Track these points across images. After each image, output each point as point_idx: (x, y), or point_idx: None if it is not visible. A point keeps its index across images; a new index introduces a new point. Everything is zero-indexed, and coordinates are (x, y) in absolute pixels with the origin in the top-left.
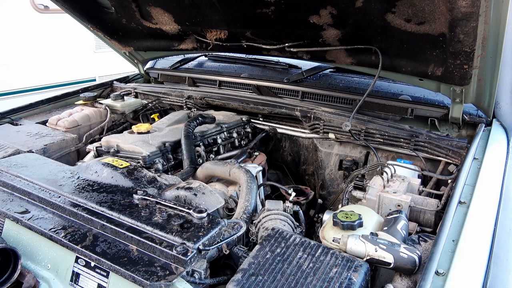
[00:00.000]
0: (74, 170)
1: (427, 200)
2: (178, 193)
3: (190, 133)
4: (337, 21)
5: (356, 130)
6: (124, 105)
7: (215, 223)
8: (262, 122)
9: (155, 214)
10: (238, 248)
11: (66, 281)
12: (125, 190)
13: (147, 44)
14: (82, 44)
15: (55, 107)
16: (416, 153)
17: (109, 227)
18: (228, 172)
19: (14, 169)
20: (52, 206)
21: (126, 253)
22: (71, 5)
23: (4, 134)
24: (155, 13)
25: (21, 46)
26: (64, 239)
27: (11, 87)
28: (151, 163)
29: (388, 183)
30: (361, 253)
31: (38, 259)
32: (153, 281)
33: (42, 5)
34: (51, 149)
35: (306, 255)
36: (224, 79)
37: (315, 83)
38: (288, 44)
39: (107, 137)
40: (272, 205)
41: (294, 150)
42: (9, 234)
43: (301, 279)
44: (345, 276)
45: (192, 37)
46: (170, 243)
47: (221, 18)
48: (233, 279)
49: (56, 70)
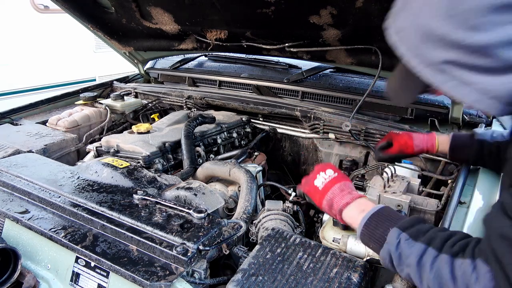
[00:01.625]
0: (74, 170)
1: (427, 200)
2: (178, 193)
3: (190, 133)
4: (337, 21)
5: (356, 130)
6: (124, 105)
7: (215, 223)
8: (262, 122)
9: (155, 214)
10: (238, 248)
11: (66, 281)
12: (125, 190)
13: (147, 44)
14: (82, 44)
15: (55, 107)
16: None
17: (109, 227)
18: (228, 172)
19: (14, 169)
20: (52, 206)
21: (126, 253)
22: (71, 5)
23: (4, 134)
24: (155, 13)
25: (21, 46)
26: (64, 239)
27: (11, 87)
28: (151, 163)
29: (388, 183)
30: (361, 254)
31: (38, 259)
32: (153, 281)
33: (42, 5)
34: (51, 149)
35: (306, 255)
36: (224, 79)
37: (315, 83)
38: (288, 44)
39: (107, 137)
40: (272, 205)
41: (294, 150)
42: (9, 234)
43: (301, 279)
44: (345, 276)
45: (192, 37)
46: (170, 243)
47: (221, 18)
48: (233, 279)
49: (56, 70)
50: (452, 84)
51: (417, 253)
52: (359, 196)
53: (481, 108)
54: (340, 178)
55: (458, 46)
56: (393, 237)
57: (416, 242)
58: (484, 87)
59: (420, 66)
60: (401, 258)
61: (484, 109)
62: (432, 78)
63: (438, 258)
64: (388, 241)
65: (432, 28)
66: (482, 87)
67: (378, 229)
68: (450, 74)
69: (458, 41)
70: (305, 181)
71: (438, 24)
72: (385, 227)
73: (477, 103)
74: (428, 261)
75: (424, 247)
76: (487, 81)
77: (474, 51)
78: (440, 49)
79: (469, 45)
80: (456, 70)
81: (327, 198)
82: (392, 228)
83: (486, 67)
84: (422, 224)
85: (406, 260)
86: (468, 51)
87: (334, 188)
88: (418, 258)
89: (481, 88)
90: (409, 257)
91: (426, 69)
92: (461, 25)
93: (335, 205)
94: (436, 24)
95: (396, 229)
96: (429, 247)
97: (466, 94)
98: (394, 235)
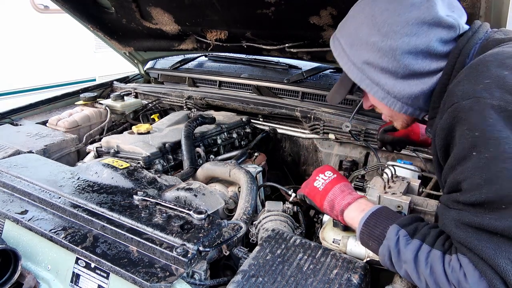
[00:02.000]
0: (74, 170)
1: (427, 201)
2: (178, 194)
3: (190, 134)
4: (337, 21)
5: (356, 131)
6: (124, 106)
7: (215, 224)
8: (262, 123)
9: (155, 215)
10: (238, 249)
11: (66, 282)
12: (125, 191)
13: (147, 44)
14: (82, 44)
15: (55, 107)
16: (416, 154)
17: (109, 228)
18: (228, 173)
19: (14, 169)
20: (52, 207)
21: (126, 254)
22: (71, 5)
23: (4, 135)
24: (155, 13)
25: (21, 46)
26: (64, 240)
27: (11, 87)
28: (151, 164)
29: (388, 184)
30: (361, 255)
31: (38, 260)
32: (153, 282)
33: (42, 5)
34: (51, 150)
35: (306, 256)
36: (224, 80)
37: (315, 83)
38: (288, 45)
39: (107, 137)
40: (272, 206)
41: (294, 151)
42: (9, 235)
43: (301, 281)
44: (346, 278)
45: (192, 37)
46: (170, 244)
47: (221, 18)
48: (233, 280)
49: (56, 70)
50: (367, 83)
51: (413, 249)
52: (359, 196)
53: (387, 104)
54: (339, 179)
55: (373, 48)
56: (392, 234)
57: (413, 239)
58: (389, 89)
59: (347, 65)
60: (400, 254)
61: (389, 106)
62: (353, 75)
63: (431, 253)
64: (387, 237)
65: (358, 33)
66: (387, 88)
67: (377, 227)
68: (366, 73)
69: (374, 43)
70: (305, 184)
71: (363, 30)
72: (384, 225)
73: (383, 100)
74: (423, 257)
75: (419, 244)
76: (392, 83)
77: (385, 54)
78: (362, 50)
79: (381, 47)
80: (371, 71)
81: (328, 199)
82: (391, 225)
83: (392, 71)
84: (420, 221)
85: (404, 256)
86: (380, 53)
87: (334, 189)
88: (414, 254)
89: (387, 89)
90: (406, 253)
91: (350, 67)
92: (378, 31)
93: (336, 206)
94: (362, 30)
95: (396, 226)
96: (423, 243)
97: (375, 92)
98: (393, 231)
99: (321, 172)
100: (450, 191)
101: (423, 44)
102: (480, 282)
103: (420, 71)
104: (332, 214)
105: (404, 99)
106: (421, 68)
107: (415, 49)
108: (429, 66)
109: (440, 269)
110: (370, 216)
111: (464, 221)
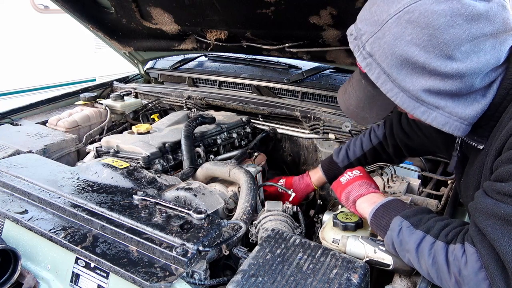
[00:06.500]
0: (74, 170)
1: (427, 201)
2: (178, 193)
3: (190, 134)
4: (337, 21)
5: (356, 131)
6: (124, 105)
7: (215, 224)
8: (262, 123)
9: (155, 215)
10: (238, 249)
11: (66, 282)
12: (125, 191)
13: (147, 44)
14: (82, 44)
15: (55, 107)
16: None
17: (109, 228)
18: (228, 173)
19: (14, 169)
20: (52, 207)
21: (126, 254)
22: (71, 5)
23: (4, 134)
24: (155, 13)
25: (21, 46)
26: (64, 240)
27: (11, 87)
28: (151, 164)
29: (388, 184)
30: (360, 255)
31: (38, 260)
32: (153, 282)
33: (42, 5)
34: (51, 150)
35: (306, 256)
36: (224, 79)
37: (315, 83)
38: (288, 45)
39: (107, 137)
40: (272, 205)
41: (294, 151)
42: (9, 234)
43: (301, 280)
44: (345, 277)
45: (192, 37)
46: (170, 244)
47: (221, 18)
48: (232, 280)
49: (56, 70)
50: (422, 110)
51: (416, 239)
52: (374, 191)
53: (449, 130)
54: (363, 177)
55: (435, 73)
56: (396, 225)
57: (416, 230)
58: (451, 110)
59: (394, 91)
60: (402, 244)
61: (452, 131)
62: (405, 103)
63: (434, 244)
64: (391, 227)
65: (410, 56)
66: (449, 110)
67: (384, 218)
68: (421, 100)
69: (436, 69)
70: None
71: (417, 53)
72: (390, 216)
73: (445, 126)
74: (426, 247)
75: (423, 235)
76: (454, 104)
77: (449, 78)
78: (417, 76)
79: (445, 72)
80: (428, 97)
81: (346, 191)
82: (395, 217)
83: (455, 91)
84: (425, 214)
85: (406, 246)
86: (444, 77)
87: (354, 184)
88: (416, 244)
89: (449, 112)
90: (409, 243)
91: (400, 94)
92: (439, 54)
93: (350, 197)
94: (415, 53)
95: (399, 217)
96: (427, 235)
97: (434, 118)
98: (397, 222)
99: (350, 171)
100: (496, 180)
101: (493, 59)
102: (479, 272)
103: (483, 86)
104: (347, 205)
105: (469, 120)
106: (484, 83)
107: (486, 67)
108: (489, 79)
109: (442, 258)
110: (379, 207)
111: (497, 211)
